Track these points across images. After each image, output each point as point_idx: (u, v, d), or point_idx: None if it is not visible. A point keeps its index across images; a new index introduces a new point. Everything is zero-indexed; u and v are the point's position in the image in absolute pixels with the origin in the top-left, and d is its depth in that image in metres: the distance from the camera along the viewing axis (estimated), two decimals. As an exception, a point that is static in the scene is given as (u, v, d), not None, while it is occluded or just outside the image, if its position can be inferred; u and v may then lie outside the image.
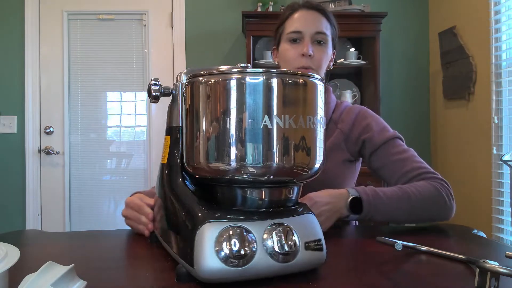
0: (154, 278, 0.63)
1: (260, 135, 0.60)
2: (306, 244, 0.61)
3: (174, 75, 2.82)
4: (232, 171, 0.61)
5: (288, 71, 0.66)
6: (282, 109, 0.61)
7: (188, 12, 2.84)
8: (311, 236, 0.62)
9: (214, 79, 0.62)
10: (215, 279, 0.57)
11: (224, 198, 0.67)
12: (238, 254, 0.57)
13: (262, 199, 0.65)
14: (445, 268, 0.67)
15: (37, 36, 2.78)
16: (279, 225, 0.61)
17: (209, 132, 0.62)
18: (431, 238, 0.90)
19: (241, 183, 0.64)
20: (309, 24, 1.11)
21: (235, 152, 0.60)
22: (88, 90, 2.84)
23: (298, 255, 0.60)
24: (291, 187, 0.68)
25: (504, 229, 2.16)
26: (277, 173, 0.62)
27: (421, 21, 2.93)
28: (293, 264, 0.60)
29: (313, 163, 0.66)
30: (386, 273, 0.65)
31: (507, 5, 2.16)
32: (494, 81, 2.21)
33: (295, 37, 1.11)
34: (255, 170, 0.61)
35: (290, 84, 0.62)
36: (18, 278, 0.48)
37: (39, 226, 2.76)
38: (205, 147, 0.63)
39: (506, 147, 2.18)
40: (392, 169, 1.05)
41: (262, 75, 0.61)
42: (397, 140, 1.09)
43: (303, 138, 0.63)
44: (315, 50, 1.10)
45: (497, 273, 0.53)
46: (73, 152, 2.82)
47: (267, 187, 0.65)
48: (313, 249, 0.61)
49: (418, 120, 2.92)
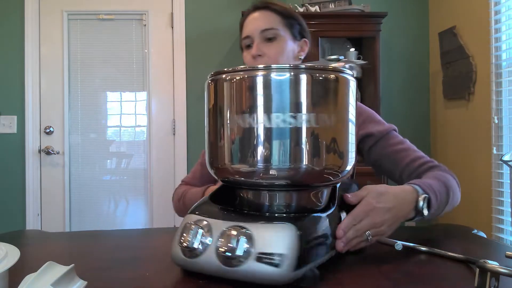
0: (154, 278, 0.63)
1: (288, 134, 0.57)
2: (258, 254, 0.55)
3: (174, 75, 2.82)
4: (257, 173, 0.59)
5: (318, 66, 0.62)
6: (311, 107, 0.58)
7: (188, 12, 2.84)
8: (271, 248, 0.54)
9: (238, 76, 0.60)
10: (176, 263, 0.63)
11: (236, 200, 0.67)
12: (191, 246, 0.59)
13: (270, 203, 0.63)
14: (445, 268, 0.67)
15: (37, 36, 2.77)
16: (240, 229, 0.57)
17: (234, 132, 0.60)
18: (431, 238, 0.90)
19: (265, 186, 0.62)
20: (254, 25, 1.11)
21: (259, 153, 0.58)
22: (88, 90, 2.84)
23: (246, 263, 0.55)
24: (315, 190, 0.65)
25: (504, 229, 2.16)
26: (305, 176, 0.59)
27: (421, 21, 2.93)
28: (237, 270, 0.55)
29: (345, 164, 0.63)
30: (386, 273, 0.65)
31: (507, 5, 2.16)
32: (494, 81, 2.21)
33: (247, 42, 1.12)
34: (280, 172, 0.58)
35: (320, 80, 0.59)
36: (18, 278, 0.48)
37: (39, 226, 2.75)
38: (229, 148, 0.61)
39: (506, 147, 2.18)
40: (394, 160, 1.03)
41: (289, 71, 0.58)
42: (393, 132, 1.09)
43: (334, 139, 0.60)
44: (266, 48, 1.09)
45: (497, 273, 0.53)
46: (73, 152, 2.82)
47: (285, 190, 0.63)
48: (265, 263, 0.54)
49: (418, 120, 2.92)
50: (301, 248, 0.55)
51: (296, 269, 0.54)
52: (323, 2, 2.64)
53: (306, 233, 0.57)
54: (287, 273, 0.54)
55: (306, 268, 0.56)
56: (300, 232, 0.56)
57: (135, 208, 2.84)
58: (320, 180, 0.63)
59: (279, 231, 0.56)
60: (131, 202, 2.85)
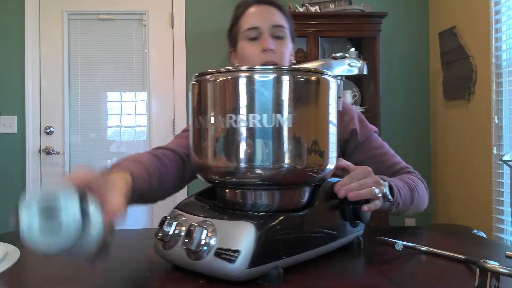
0: (154, 278, 0.63)
1: (270, 134, 0.59)
2: (217, 250, 0.57)
3: (174, 75, 2.82)
4: (240, 173, 0.61)
5: (301, 68, 0.64)
6: (293, 108, 0.59)
7: (188, 12, 2.84)
8: (230, 245, 0.57)
9: (222, 77, 0.61)
10: (156, 253, 0.67)
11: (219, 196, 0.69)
12: (165, 238, 0.63)
13: (253, 201, 0.65)
14: (445, 268, 0.67)
15: (37, 36, 2.77)
16: (205, 224, 0.60)
17: (218, 132, 0.61)
18: (431, 238, 0.91)
19: (247, 185, 0.63)
20: (265, 18, 1.06)
21: (242, 152, 0.60)
22: (88, 90, 2.84)
23: (205, 258, 0.58)
24: (297, 189, 0.67)
25: (504, 229, 2.16)
26: (287, 175, 0.61)
27: (421, 21, 2.93)
28: (200, 263, 0.59)
29: (326, 163, 0.65)
30: (386, 273, 0.65)
31: (507, 5, 2.16)
32: (494, 81, 2.21)
33: (252, 35, 1.06)
34: (262, 171, 0.60)
35: (302, 81, 0.61)
36: (18, 278, 0.48)
37: (39, 226, 2.75)
38: (213, 148, 0.63)
39: (506, 147, 2.18)
40: (374, 163, 1.04)
41: (272, 72, 0.60)
42: (374, 134, 1.10)
43: (314, 139, 0.62)
44: (276, 44, 1.06)
45: (498, 273, 0.53)
46: (73, 152, 2.82)
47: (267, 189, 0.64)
48: (222, 258, 0.57)
49: (418, 120, 2.91)
50: (259, 246, 0.56)
51: (252, 266, 0.56)
52: (323, 2, 2.63)
53: (266, 232, 0.58)
54: (242, 270, 0.56)
55: (267, 266, 0.58)
56: (259, 231, 0.57)
57: (135, 208, 2.83)
58: (302, 179, 0.64)
59: (237, 228, 0.58)
60: (131, 202, 2.85)
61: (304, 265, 0.65)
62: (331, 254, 0.71)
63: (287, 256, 0.60)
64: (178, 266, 0.64)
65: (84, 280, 0.61)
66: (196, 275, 0.60)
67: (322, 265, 0.66)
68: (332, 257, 0.71)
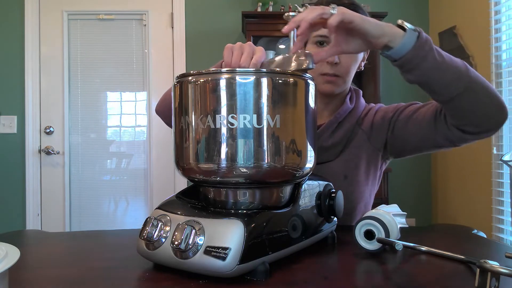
0: (154, 278, 0.63)
1: (251, 134, 0.61)
2: (207, 248, 0.59)
3: (174, 75, 2.82)
4: (221, 172, 0.63)
5: (279, 71, 0.66)
6: (272, 108, 0.62)
7: (188, 12, 2.84)
8: (219, 242, 0.58)
9: (203, 78, 0.63)
10: (140, 254, 0.67)
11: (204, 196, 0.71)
12: (150, 239, 0.64)
13: (234, 199, 0.66)
14: (445, 268, 0.67)
15: (37, 36, 2.78)
16: (193, 223, 0.61)
17: (199, 133, 0.63)
18: (431, 238, 0.90)
19: (230, 184, 0.65)
20: None
21: (223, 152, 0.62)
22: (88, 90, 2.84)
23: (195, 256, 0.59)
24: (278, 188, 0.68)
25: (504, 229, 2.16)
26: (267, 173, 0.63)
27: (421, 21, 2.93)
28: (188, 262, 0.59)
29: (304, 162, 0.66)
30: (386, 273, 0.65)
31: (507, 5, 2.16)
32: (494, 81, 2.22)
33: (322, 40, 1.03)
34: (245, 170, 0.62)
35: (280, 83, 0.63)
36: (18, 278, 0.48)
37: (39, 226, 2.76)
38: (194, 148, 0.64)
39: (506, 147, 2.18)
40: (414, 119, 1.01)
41: (252, 74, 0.62)
42: (385, 107, 1.10)
43: (292, 139, 0.64)
44: (343, 57, 1.01)
45: (498, 273, 0.53)
46: (73, 152, 2.82)
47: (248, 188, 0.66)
48: (212, 256, 0.58)
49: (418, 120, 2.91)
50: (247, 243, 0.58)
51: (241, 263, 0.58)
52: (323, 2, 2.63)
53: (254, 229, 0.60)
54: (232, 266, 0.57)
55: (255, 262, 0.59)
56: (247, 228, 0.59)
57: (135, 208, 2.84)
58: (282, 177, 0.66)
59: (226, 226, 0.60)
60: (131, 202, 2.85)
61: (286, 260, 0.66)
62: (330, 254, 0.71)
63: (273, 252, 0.62)
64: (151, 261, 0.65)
65: (84, 280, 0.61)
66: (196, 275, 0.60)
67: (320, 264, 0.66)
68: (331, 256, 0.70)
